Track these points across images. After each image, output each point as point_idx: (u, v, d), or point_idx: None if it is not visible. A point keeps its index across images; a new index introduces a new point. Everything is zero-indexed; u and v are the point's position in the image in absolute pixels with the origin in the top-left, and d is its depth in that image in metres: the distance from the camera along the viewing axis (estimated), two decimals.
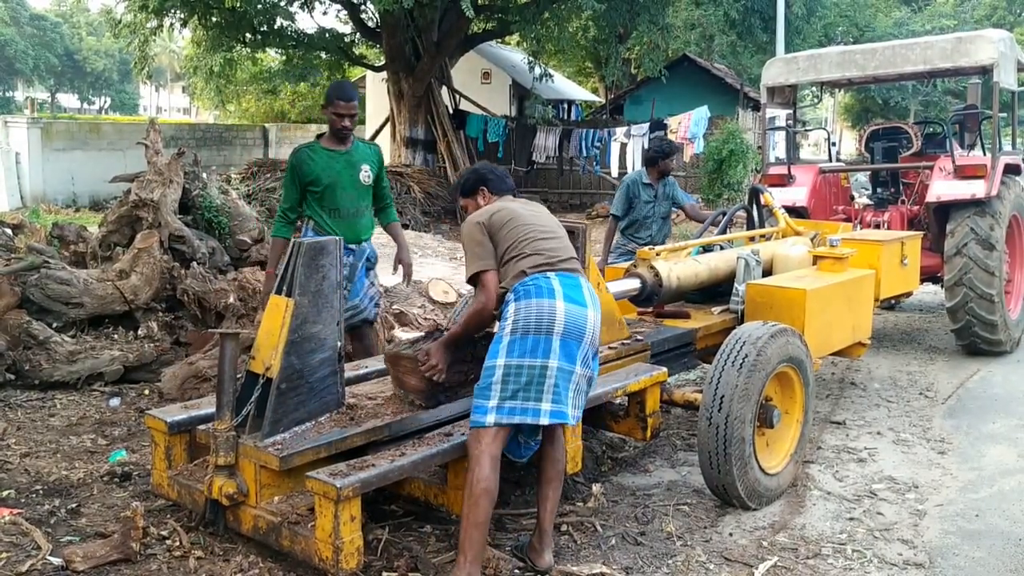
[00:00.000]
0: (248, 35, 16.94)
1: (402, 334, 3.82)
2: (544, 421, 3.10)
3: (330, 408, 3.41)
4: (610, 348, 4.27)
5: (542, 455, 3.33)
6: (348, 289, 4.61)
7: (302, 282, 3.25)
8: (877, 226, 7.37)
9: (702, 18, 22.47)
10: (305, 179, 4.63)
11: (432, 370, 3.39)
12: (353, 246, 4.72)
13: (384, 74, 18.43)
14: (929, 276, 7.23)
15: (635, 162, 16.42)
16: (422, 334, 3.77)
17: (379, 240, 5.30)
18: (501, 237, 3.28)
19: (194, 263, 6.25)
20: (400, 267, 5.08)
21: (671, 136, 16.59)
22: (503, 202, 3.47)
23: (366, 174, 4.75)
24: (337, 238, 3.47)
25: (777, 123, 13.05)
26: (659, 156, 6.49)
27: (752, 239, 5.82)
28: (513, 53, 24.61)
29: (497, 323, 3.27)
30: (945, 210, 6.84)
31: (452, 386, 3.56)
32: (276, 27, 17.05)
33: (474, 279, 3.30)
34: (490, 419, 3.06)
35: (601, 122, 20.51)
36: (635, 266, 4.80)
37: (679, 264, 4.93)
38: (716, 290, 5.23)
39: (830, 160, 8.89)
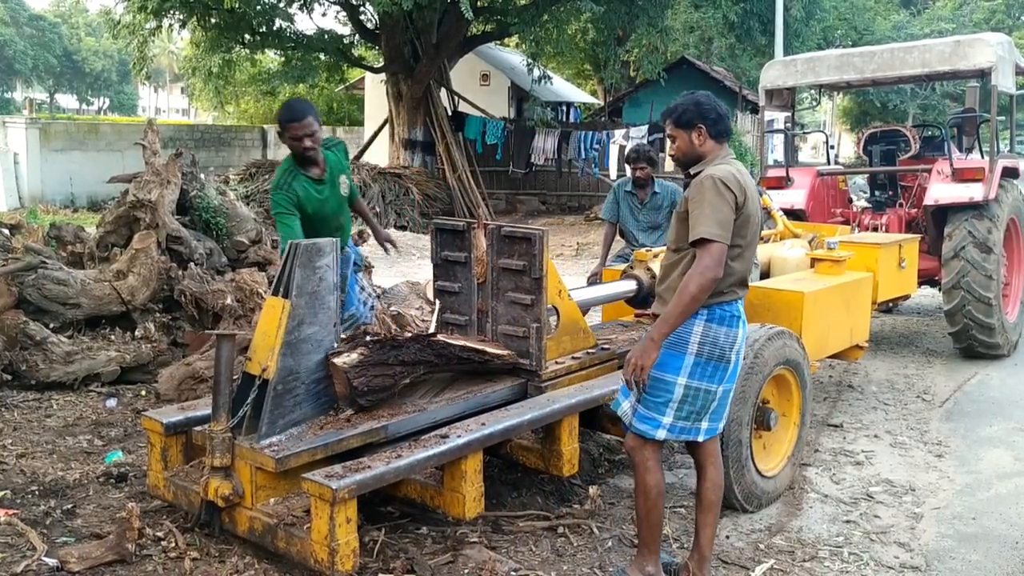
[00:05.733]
0: (247, 36, 16.94)
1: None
2: (701, 438, 3.20)
3: (326, 410, 3.41)
4: (573, 358, 4.05)
5: (702, 479, 3.30)
6: (343, 300, 4.40)
7: (299, 283, 3.24)
8: (875, 229, 7.37)
9: (701, 21, 22.52)
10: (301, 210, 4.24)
11: (637, 371, 2.99)
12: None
13: (383, 76, 18.43)
14: (927, 279, 7.23)
15: None
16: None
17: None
18: (739, 232, 3.05)
19: (192, 264, 6.24)
20: (387, 244, 5.01)
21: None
22: (735, 170, 3.09)
23: (344, 186, 4.49)
24: (334, 240, 3.46)
25: (775, 126, 13.06)
26: (634, 156, 6.19)
27: None
28: (512, 55, 24.60)
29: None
30: (943, 213, 6.84)
31: (375, 390, 3.40)
32: (275, 28, 17.04)
33: (700, 242, 2.96)
34: (661, 434, 3.12)
35: (600, 124, 20.49)
36: (632, 268, 4.80)
37: None
38: None
39: (828, 163, 8.90)
